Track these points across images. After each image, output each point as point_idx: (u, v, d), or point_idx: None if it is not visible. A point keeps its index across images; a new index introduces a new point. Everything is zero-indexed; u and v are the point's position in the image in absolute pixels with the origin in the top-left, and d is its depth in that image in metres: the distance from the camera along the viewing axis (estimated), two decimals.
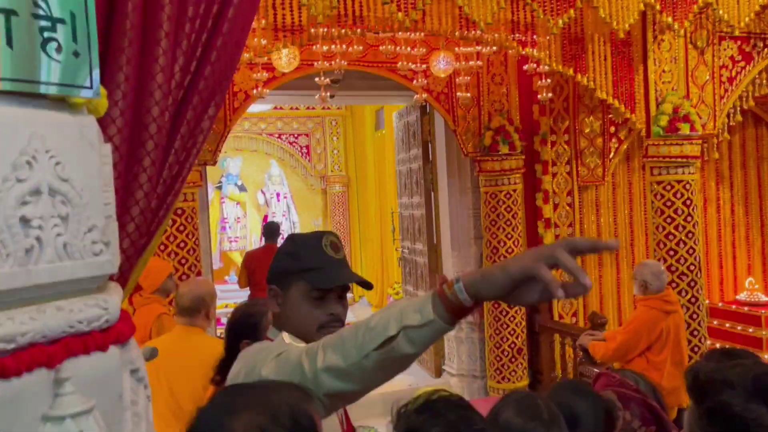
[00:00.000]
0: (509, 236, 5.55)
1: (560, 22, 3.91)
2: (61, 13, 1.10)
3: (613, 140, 5.82)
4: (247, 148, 11.05)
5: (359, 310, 10.96)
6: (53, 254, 1.08)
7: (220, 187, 10.20)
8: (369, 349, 1.05)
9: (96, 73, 1.15)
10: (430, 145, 6.44)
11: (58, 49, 1.09)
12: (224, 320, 8.21)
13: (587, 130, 5.74)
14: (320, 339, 1.50)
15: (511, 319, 5.59)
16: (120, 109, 1.59)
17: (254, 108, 9.95)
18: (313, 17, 3.43)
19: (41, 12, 1.07)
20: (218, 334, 4.75)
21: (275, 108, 10.59)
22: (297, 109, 10.96)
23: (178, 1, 1.68)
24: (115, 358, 1.20)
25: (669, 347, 3.88)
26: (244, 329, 2.25)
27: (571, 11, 3.94)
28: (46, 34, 1.07)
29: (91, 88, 1.14)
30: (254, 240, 10.14)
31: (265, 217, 10.29)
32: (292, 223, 10.46)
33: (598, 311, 5.86)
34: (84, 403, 1.04)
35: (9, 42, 1.02)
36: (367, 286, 1.62)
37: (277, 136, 11.32)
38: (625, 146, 5.89)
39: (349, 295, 7.06)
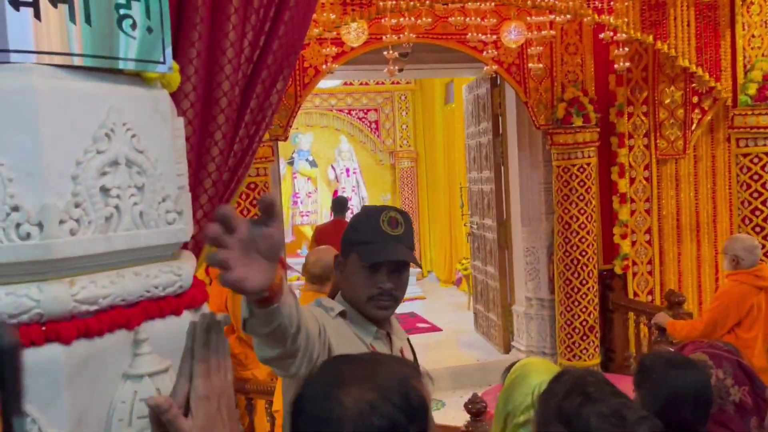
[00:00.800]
0: (582, 211, 5.40)
1: None
2: None
3: (696, 111, 5.51)
4: (317, 124, 11.19)
5: (428, 284, 11.01)
6: (130, 222, 1.14)
7: (291, 163, 10.40)
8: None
9: (168, 48, 1.19)
10: (500, 118, 6.32)
11: (134, 26, 1.14)
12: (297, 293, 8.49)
13: (667, 101, 5.47)
14: (371, 310, 1.53)
15: (584, 296, 5.47)
16: (192, 83, 1.64)
17: (324, 84, 10.06)
18: None
19: None
20: None
21: (345, 84, 10.65)
22: (366, 84, 10.98)
23: None
24: (187, 322, 1.25)
25: (760, 324, 3.69)
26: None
27: None
28: (122, 11, 1.12)
29: (164, 63, 1.18)
30: (325, 214, 10.30)
31: (335, 192, 10.43)
32: (362, 198, 10.55)
33: (676, 290, 5.65)
34: (161, 363, 1.10)
35: (87, 19, 1.07)
36: (415, 264, 1.62)
37: (347, 111, 11.40)
38: (709, 117, 5.56)
39: (417, 270, 7.10)
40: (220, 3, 1.69)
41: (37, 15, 1.01)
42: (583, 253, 5.42)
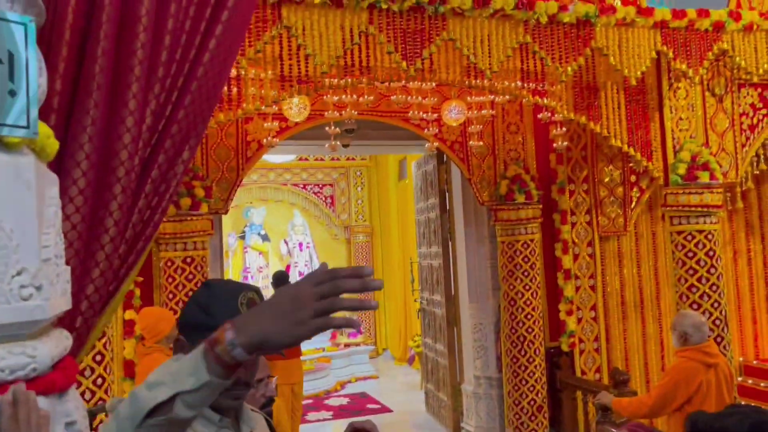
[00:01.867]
0: (527, 287, 5.39)
1: (569, 69, 3.87)
2: None
3: (635, 189, 5.66)
4: (272, 198, 11.16)
5: (382, 362, 10.76)
6: None
7: (243, 237, 10.26)
8: (140, 418, 0.99)
9: (34, 112, 1.12)
10: (447, 194, 6.38)
11: None
12: None
13: (607, 179, 5.61)
14: (224, 402, 1.36)
15: (531, 374, 5.38)
16: (86, 152, 1.57)
17: (279, 159, 10.12)
18: (318, 67, 3.46)
19: None
20: None
21: (300, 159, 10.73)
22: (321, 159, 11.08)
23: (151, 47, 1.68)
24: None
25: (711, 401, 3.64)
26: None
27: (581, 59, 3.90)
28: None
29: (27, 127, 1.11)
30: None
31: (287, 266, 10.27)
32: None
33: (623, 367, 5.60)
34: None
35: None
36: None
37: (302, 186, 11.42)
38: (647, 195, 5.72)
39: (370, 347, 6.94)
40: (121, 71, 1.65)
41: None
42: (530, 330, 5.38)
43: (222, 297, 1.41)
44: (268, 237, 10.49)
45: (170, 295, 4.47)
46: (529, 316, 5.38)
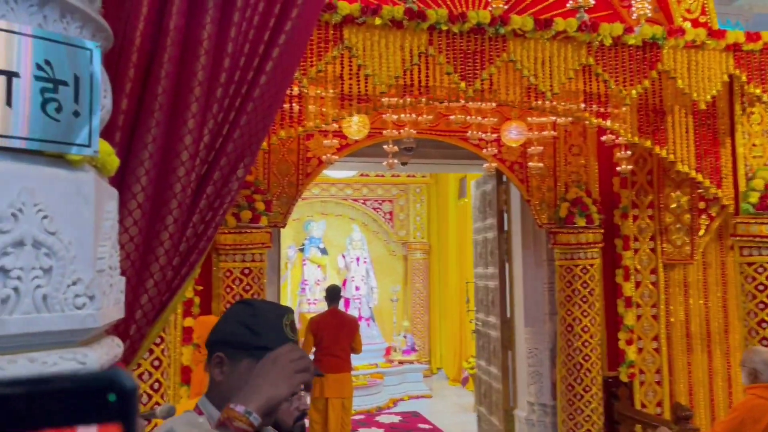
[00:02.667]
0: (585, 313, 5.24)
1: (633, 92, 3.78)
2: (64, 76, 1.15)
3: (703, 217, 5.44)
4: (332, 212, 11.32)
5: (436, 382, 10.65)
6: (30, 305, 1.10)
7: (303, 249, 10.43)
8: None
9: (96, 131, 1.19)
10: (505, 214, 6.30)
11: (59, 110, 1.14)
12: None
13: (673, 205, 5.41)
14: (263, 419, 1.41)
15: (587, 403, 5.21)
16: (146, 168, 1.65)
17: (341, 174, 10.27)
18: (377, 87, 3.50)
19: (44, 74, 1.13)
20: None
21: (361, 174, 10.85)
22: (382, 176, 11.16)
23: (211, 69, 1.75)
24: None
25: None
26: None
27: (646, 82, 3.80)
28: (47, 95, 1.13)
29: (89, 146, 1.18)
30: None
31: (344, 281, 10.37)
32: (371, 288, 10.47)
33: (687, 402, 5.36)
34: None
35: (8, 101, 1.08)
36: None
37: (362, 201, 11.54)
38: (717, 224, 5.48)
39: (424, 366, 6.93)
40: (182, 92, 1.73)
41: None
42: (587, 358, 5.22)
43: (269, 318, 1.45)
44: (327, 251, 10.63)
45: (227, 305, 4.59)
46: (586, 344, 5.23)
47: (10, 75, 1.09)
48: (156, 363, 3.30)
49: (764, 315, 4.13)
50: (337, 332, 5.87)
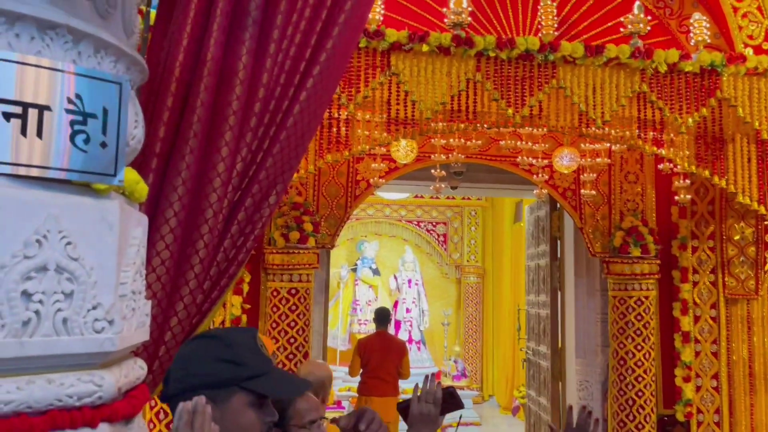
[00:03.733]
0: (639, 347, 5.04)
1: (690, 120, 3.65)
2: (93, 109, 1.21)
3: None
4: (386, 233, 11.35)
5: (487, 409, 10.43)
6: (50, 328, 1.14)
7: (355, 270, 10.48)
8: None
9: (122, 162, 1.24)
10: (558, 241, 6.16)
11: (86, 141, 1.20)
12: (345, 403, 8.08)
13: (737, 237, 5.17)
14: None
15: None
16: (179, 194, 1.70)
17: (395, 196, 10.30)
18: (423, 112, 3.52)
19: (74, 108, 1.19)
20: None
21: (416, 196, 10.85)
22: (437, 198, 11.13)
23: (246, 98, 1.80)
24: None
25: None
26: None
27: (704, 110, 3.66)
28: (76, 127, 1.19)
29: (114, 175, 1.23)
30: None
31: (395, 302, 10.34)
32: (422, 310, 10.39)
33: None
34: None
35: (39, 133, 1.14)
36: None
37: (416, 223, 11.53)
38: None
39: (475, 392, 6.82)
40: (217, 120, 1.78)
41: None
42: (640, 394, 5.01)
43: (245, 344, 1.41)
44: (379, 271, 10.64)
45: (274, 324, 4.66)
46: (640, 379, 5.02)
47: (43, 108, 1.15)
48: None
49: None
50: (383, 355, 5.85)
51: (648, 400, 5.00)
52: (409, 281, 10.44)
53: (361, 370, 5.88)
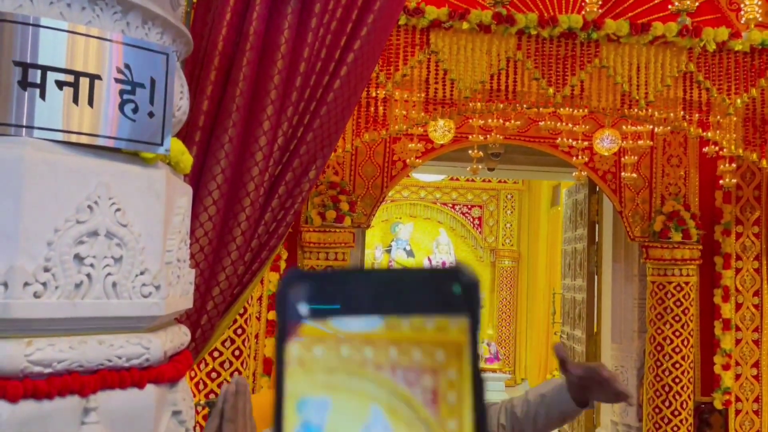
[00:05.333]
0: (677, 333, 4.95)
1: (738, 101, 3.54)
2: (141, 79, 1.24)
3: None
4: (421, 215, 11.34)
5: (520, 392, 10.38)
6: (101, 291, 1.18)
7: (389, 251, 10.52)
8: None
9: (168, 131, 1.27)
10: (596, 225, 6.07)
11: (135, 110, 1.23)
12: None
13: None
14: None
15: (675, 428, 4.92)
16: (222, 167, 1.73)
17: (430, 178, 10.27)
18: (462, 92, 3.49)
19: (123, 77, 1.22)
20: None
21: (451, 179, 10.79)
22: (473, 180, 11.05)
23: (288, 73, 1.81)
24: (151, 396, 1.26)
25: None
26: None
27: (753, 91, 3.55)
28: (125, 96, 1.22)
29: (161, 144, 1.26)
30: None
31: None
32: None
33: None
34: None
35: (90, 102, 1.17)
36: None
37: (451, 206, 11.48)
38: None
39: (508, 375, 6.89)
40: (258, 94, 1.80)
41: (42, 96, 1.13)
42: (677, 380, 4.93)
43: None
44: (413, 253, 10.65)
45: None
46: (677, 365, 4.94)
47: (93, 77, 1.18)
48: (236, 353, 3.45)
49: None
50: None
51: (685, 387, 4.93)
52: (443, 264, 10.40)
53: None
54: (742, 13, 3.68)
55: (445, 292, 0.39)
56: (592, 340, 6.04)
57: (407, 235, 10.59)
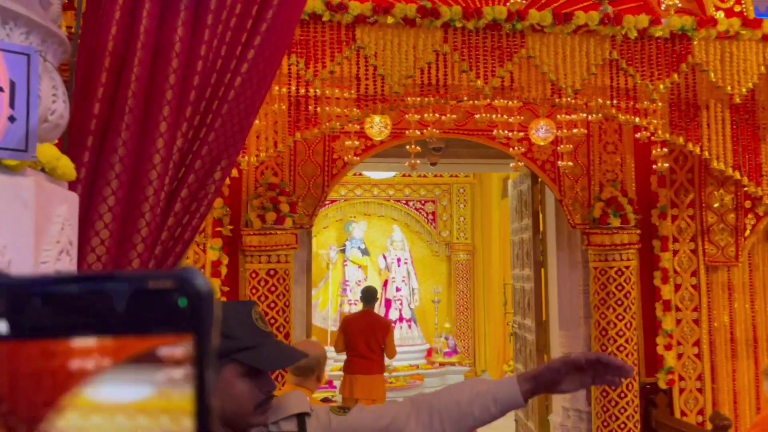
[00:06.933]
0: (620, 317, 5.05)
1: (661, 87, 3.61)
2: None
3: (750, 216, 5.15)
4: (375, 213, 11.33)
5: None
6: None
7: (344, 250, 10.47)
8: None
9: (33, 136, 1.20)
10: (540, 215, 6.15)
11: None
12: (336, 383, 8.07)
13: (717, 205, 5.15)
14: (258, 418, 1.40)
15: (622, 410, 5.02)
16: (116, 172, 1.66)
17: (381, 175, 10.26)
18: (391, 86, 3.47)
19: None
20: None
21: (403, 175, 10.81)
22: (425, 176, 11.09)
23: (184, 71, 1.75)
24: None
25: None
26: None
27: (675, 76, 3.63)
28: None
29: (26, 151, 1.19)
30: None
31: (385, 281, 10.35)
32: (412, 289, 10.41)
33: (731, 411, 5.09)
34: None
35: None
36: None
37: (404, 202, 11.50)
38: (765, 223, 5.19)
39: (467, 368, 6.86)
40: (153, 95, 1.73)
41: None
42: None
43: (239, 319, 1.42)
44: (368, 251, 10.64)
45: None
46: (621, 348, 5.03)
47: None
48: None
49: None
50: (367, 334, 5.86)
51: None
52: (398, 260, 10.44)
53: (347, 349, 5.89)
54: (663, 0, 3.76)
55: (168, 306, 0.33)
56: (541, 329, 6.11)
57: (361, 234, 10.56)
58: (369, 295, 6.03)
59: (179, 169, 1.80)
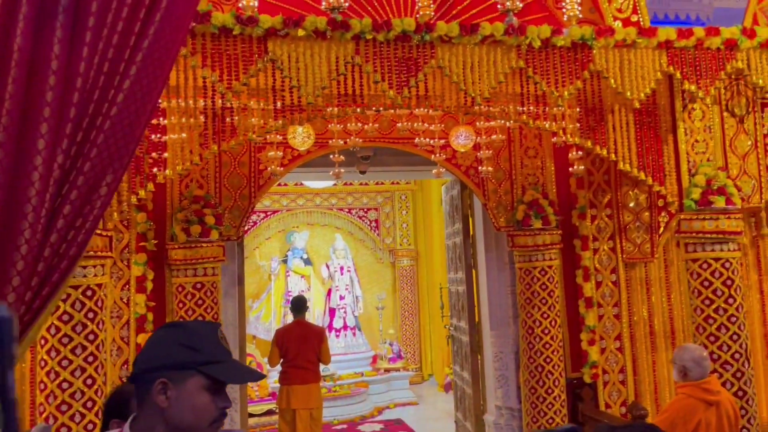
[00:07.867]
0: (545, 315, 5.22)
1: (566, 93, 3.78)
2: None
3: (663, 214, 5.41)
4: (318, 222, 11.35)
5: (427, 389, 10.61)
6: None
7: (286, 261, 10.45)
8: None
9: None
10: (470, 219, 6.30)
11: None
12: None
13: (632, 204, 5.40)
14: None
15: (550, 406, 5.18)
16: None
17: (322, 184, 10.27)
18: (305, 97, 3.52)
19: None
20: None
21: (345, 184, 10.87)
22: (367, 184, 11.18)
23: (62, 88, 1.76)
24: None
25: None
26: (114, 408, 2.23)
27: (578, 83, 3.80)
28: None
29: None
30: (317, 314, 10.20)
31: (329, 290, 10.37)
32: (355, 297, 10.46)
33: (652, 401, 5.32)
34: None
35: None
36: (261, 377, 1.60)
37: (347, 210, 11.57)
38: (676, 221, 5.46)
39: (411, 372, 6.92)
40: (30, 112, 1.74)
41: None
42: (548, 360, 5.20)
43: (206, 335, 1.53)
44: (311, 261, 10.64)
45: (180, 320, 4.60)
46: (547, 345, 5.20)
47: None
48: (89, 381, 3.32)
49: (710, 311, 4.11)
50: (302, 343, 5.87)
51: (556, 366, 5.20)
52: (341, 268, 10.48)
53: (282, 360, 5.89)
54: (564, 10, 3.94)
55: None
56: (474, 330, 6.25)
57: (303, 244, 10.56)
58: (299, 305, 6.05)
59: (61, 185, 1.81)
